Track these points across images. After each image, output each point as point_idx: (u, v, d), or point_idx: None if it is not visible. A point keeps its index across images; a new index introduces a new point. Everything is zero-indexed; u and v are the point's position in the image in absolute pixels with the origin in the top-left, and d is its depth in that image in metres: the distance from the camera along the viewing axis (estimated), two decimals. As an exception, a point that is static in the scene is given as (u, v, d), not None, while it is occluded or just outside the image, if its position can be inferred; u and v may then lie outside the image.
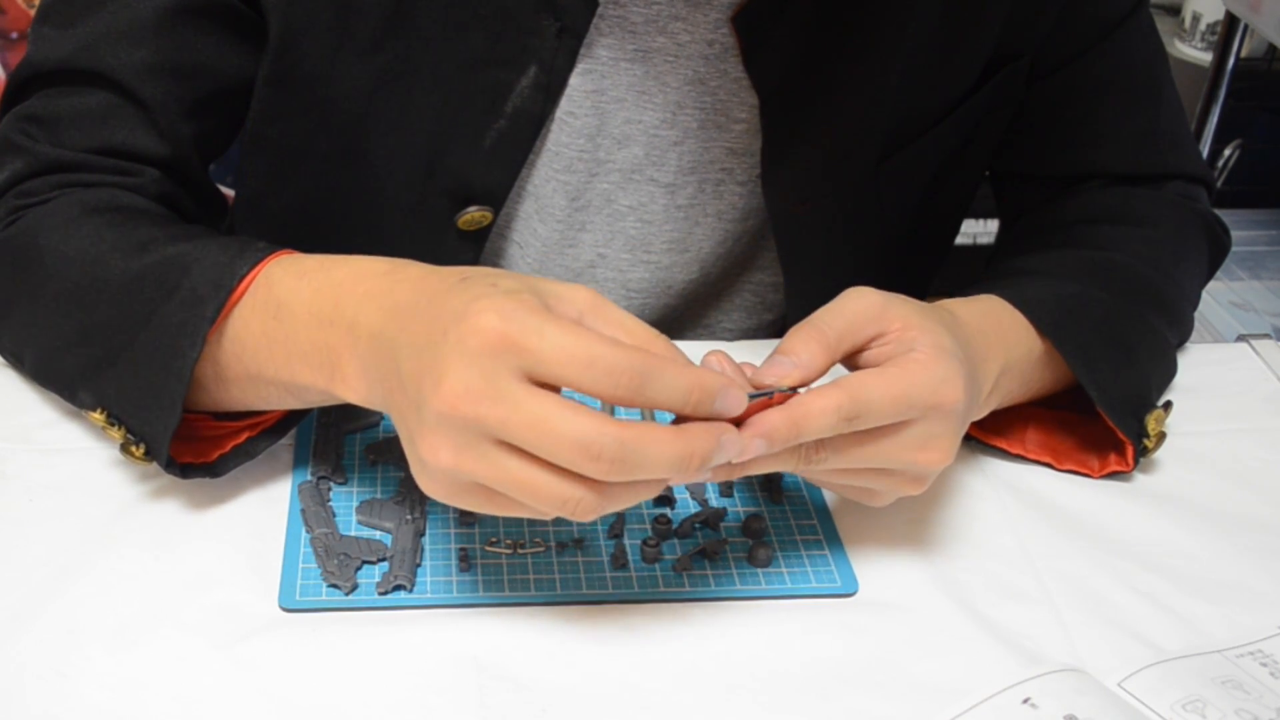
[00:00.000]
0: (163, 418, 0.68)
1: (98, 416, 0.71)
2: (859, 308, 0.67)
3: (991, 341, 0.74)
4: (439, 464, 0.58)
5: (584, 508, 0.58)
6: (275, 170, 0.90)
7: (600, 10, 0.83)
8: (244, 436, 0.74)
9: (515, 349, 0.56)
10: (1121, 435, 0.77)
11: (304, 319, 0.66)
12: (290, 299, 0.67)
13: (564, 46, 0.83)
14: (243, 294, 0.69)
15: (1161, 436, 0.79)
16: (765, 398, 0.62)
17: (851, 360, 0.68)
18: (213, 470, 0.72)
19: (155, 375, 0.69)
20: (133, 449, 0.70)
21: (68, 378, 0.74)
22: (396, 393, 0.61)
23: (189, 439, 0.72)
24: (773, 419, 0.61)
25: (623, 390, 0.56)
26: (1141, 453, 0.78)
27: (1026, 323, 0.77)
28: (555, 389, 0.57)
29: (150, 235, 0.74)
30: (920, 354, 0.65)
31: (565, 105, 0.87)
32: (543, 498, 0.57)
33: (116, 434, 0.70)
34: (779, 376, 0.64)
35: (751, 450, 0.61)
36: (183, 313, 0.69)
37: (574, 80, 0.86)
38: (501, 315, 0.56)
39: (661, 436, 0.57)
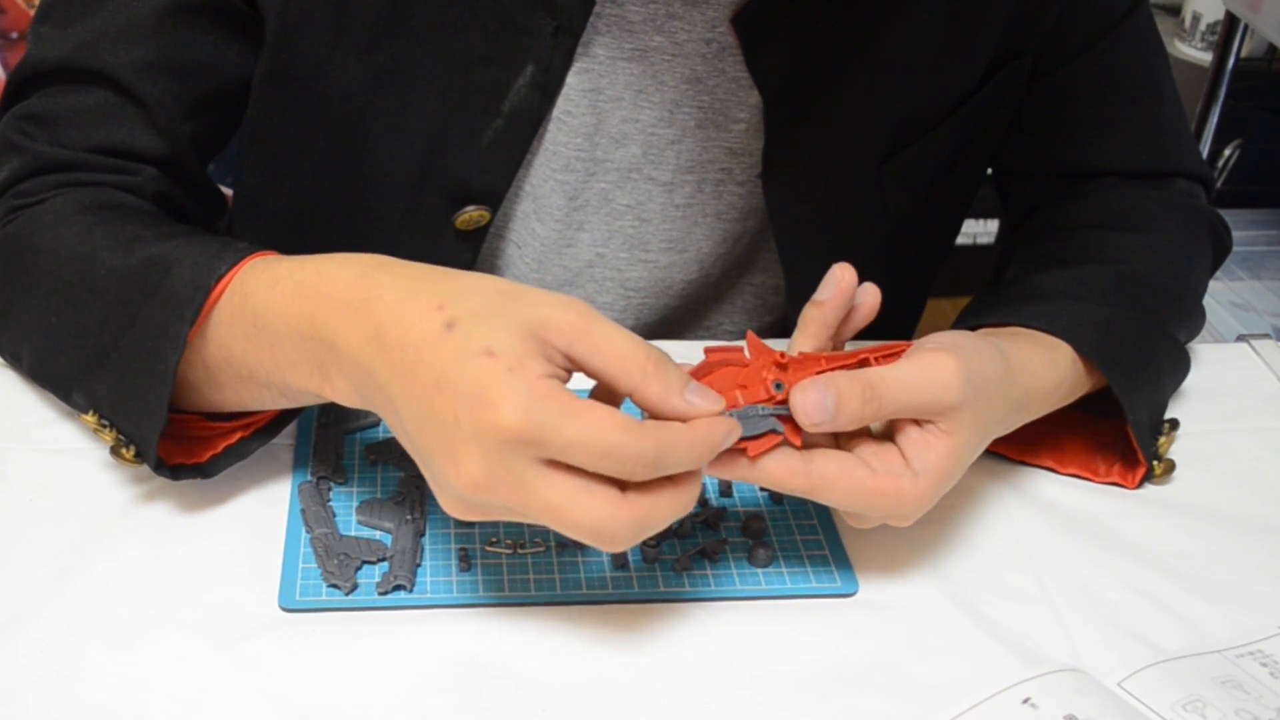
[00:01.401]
0: (149, 420, 0.68)
1: (90, 419, 0.71)
2: (935, 395, 0.65)
3: (1033, 400, 0.74)
4: (461, 516, 0.61)
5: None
6: (272, 168, 0.90)
7: (597, 9, 0.83)
8: (236, 437, 0.74)
9: (534, 442, 0.57)
10: (1141, 457, 0.78)
11: (284, 331, 0.65)
12: (265, 310, 0.66)
13: (561, 45, 0.83)
14: (220, 296, 0.68)
15: (1171, 466, 0.79)
16: (767, 433, 0.64)
17: None
18: (204, 471, 0.72)
19: (140, 377, 0.69)
20: (123, 451, 0.70)
21: (62, 378, 0.74)
22: (396, 428, 0.62)
23: (181, 439, 0.72)
24: (727, 468, 0.64)
25: (639, 474, 0.59)
26: (1149, 475, 0.79)
27: (1070, 356, 0.76)
28: None
29: (137, 233, 0.73)
30: (920, 479, 0.65)
31: (562, 104, 0.86)
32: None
33: (108, 436, 0.70)
34: (811, 418, 0.63)
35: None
36: (163, 314, 0.68)
37: (571, 79, 0.86)
38: (517, 412, 0.57)
39: (669, 508, 0.60)
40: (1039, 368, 0.74)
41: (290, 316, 0.65)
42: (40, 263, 0.75)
